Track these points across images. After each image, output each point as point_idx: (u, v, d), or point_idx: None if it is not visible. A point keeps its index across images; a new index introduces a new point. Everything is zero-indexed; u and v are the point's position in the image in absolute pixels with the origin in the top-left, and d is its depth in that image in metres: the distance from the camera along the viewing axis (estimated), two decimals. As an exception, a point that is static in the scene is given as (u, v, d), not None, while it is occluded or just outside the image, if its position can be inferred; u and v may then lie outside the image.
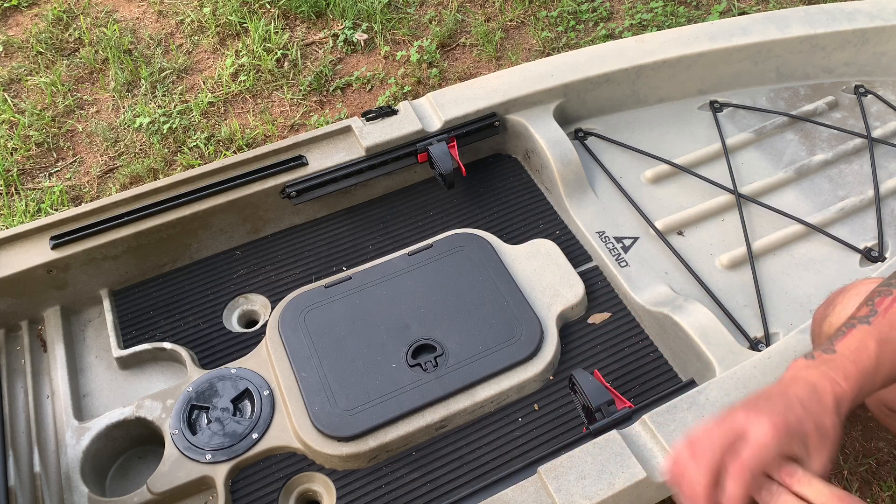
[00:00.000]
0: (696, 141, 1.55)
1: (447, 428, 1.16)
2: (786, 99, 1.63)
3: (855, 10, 1.60)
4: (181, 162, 1.98)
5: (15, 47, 2.36)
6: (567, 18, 2.32)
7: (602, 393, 1.08)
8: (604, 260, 1.34)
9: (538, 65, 1.52)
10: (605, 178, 1.49)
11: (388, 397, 1.15)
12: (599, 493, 0.95)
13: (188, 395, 1.18)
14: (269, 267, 1.39)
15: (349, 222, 1.45)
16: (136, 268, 1.36)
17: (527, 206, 1.47)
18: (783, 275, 1.33)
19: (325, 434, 1.11)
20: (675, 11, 2.31)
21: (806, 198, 1.45)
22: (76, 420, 1.18)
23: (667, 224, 1.40)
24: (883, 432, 1.46)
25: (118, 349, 1.26)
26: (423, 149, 1.43)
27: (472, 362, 1.19)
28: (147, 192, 1.33)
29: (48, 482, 1.11)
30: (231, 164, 1.37)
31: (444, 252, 1.34)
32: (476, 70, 2.21)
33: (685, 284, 1.31)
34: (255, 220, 1.41)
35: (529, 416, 1.17)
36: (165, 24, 2.41)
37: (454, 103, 1.47)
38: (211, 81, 2.21)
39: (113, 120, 2.12)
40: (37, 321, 1.32)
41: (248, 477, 1.12)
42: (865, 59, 1.62)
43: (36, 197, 1.92)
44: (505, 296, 1.27)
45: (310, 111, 2.12)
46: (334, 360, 1.20)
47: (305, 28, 2.36)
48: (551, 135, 1.45)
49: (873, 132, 1.54)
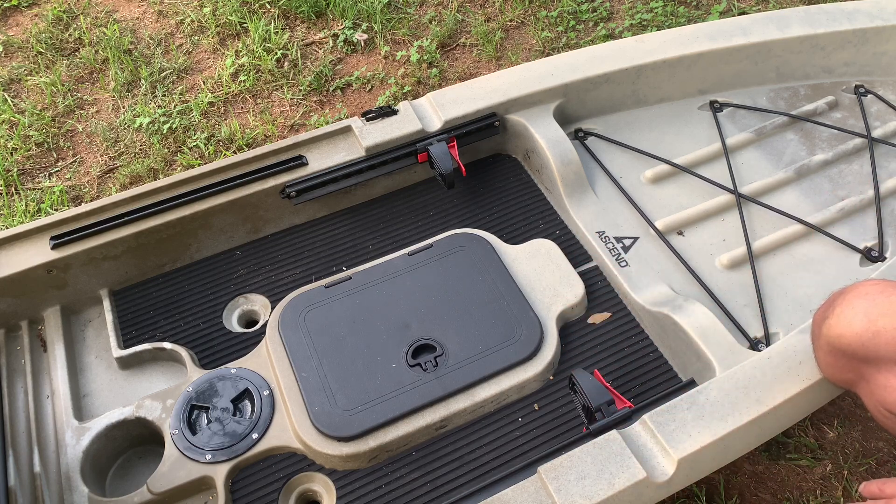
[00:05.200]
0: (696, 141, 1.55)
1: (447, 428, 1.16)
2: (786, 99, 1.63)
3: (855, 10, 1.60)
4: (181, 162, 1.98)
5: (15, 47, 2.36)
6: (567, 18, 2.32)
7: (602, 393, 1.08)
8: (604, 260, 1.34)
9: (538, 65, 1.52)
10: (605, 178, 1.49)
11: (388, 397, 1.15)
12: (599, 493, 0.95)
13: (188, 395, 1.18)
14: (269, 267, 1.39)
15: (349, 222, 1.45)
16: (136, 268, 1.36)
17: (527, 206, 1.47)
18: (783, 275, 1.33)
19: (325, 434, 1.11)
20: (675, 11, 2.31)
21: (806, 198, 1.45)
22: (76, 420, 1.18)
23: (667, 224, 1.40)
24: (883, 432, 1.46)
25: (118, 349, 1.26)
26: (423, 149, 1.43)
27: (472, 362, 1.19)
28: (147, 192, 1.33)
29: (48, 482, 1.11)
30: (231, 164, 1.37)
31: (444, 252, 1.34)
32: (476, 70, 2.21)
33: (685, 284, 1.31)
34: (255, 220, 1.41)
35: (529, 416, 1.18)
36: (165, 24, 2.41)
37: (454, 103, 1.47)
38: (211, 81, 2.21)
39: (113, 120, 2.12)
40: (37, 321, 1.32)
41: (248, 477, 1.12)
42: (865, 59, 1.62)
43: (36, 197, 1.92)
44: (505, 296, 1.27)
45: (310, 111, 2.12)
46: (334, 360, 1.20)
47: (305, 28, 2.36)
48: (551, 135, 1.45)
49: (873, 132, 1.54)
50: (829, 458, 1.43)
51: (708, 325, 1.16)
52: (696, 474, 1.07)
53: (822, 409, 1.49)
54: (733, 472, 1.42)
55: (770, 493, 1.40)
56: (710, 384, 1.05)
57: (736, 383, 1.04)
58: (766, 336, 1.24)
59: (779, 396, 1.03)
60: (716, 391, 1.04)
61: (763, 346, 1.23)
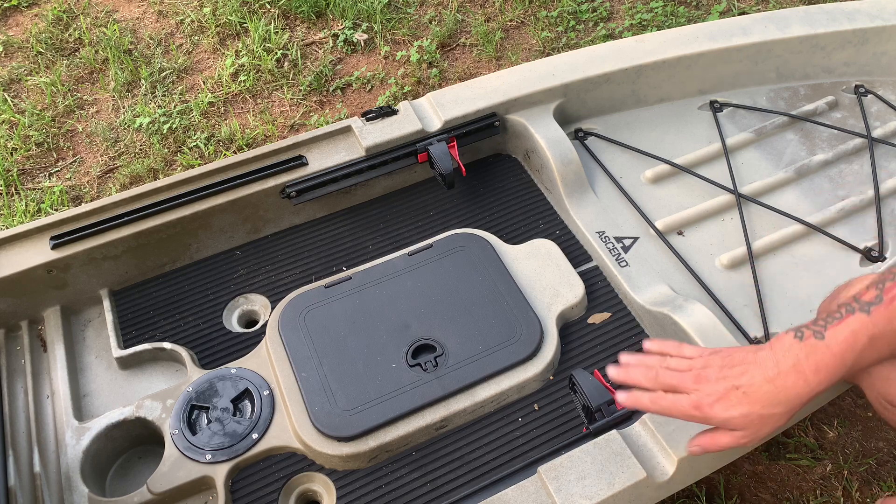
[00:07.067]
0: (696, 141, 1.55)
1: (447, 428, 1.16)
2: (786, 99, 1.63)
3: (855, 10, 1.60)
4: (181, 162, 1.98)
5: (15, 47, 2.36)
6: (567, 18, 2.32)
7: (602, 393, 1.08)
8: (604, 260, 1.34)
9: (538, 65, 1.52)
10: (605, 178, 1.49)
11: (388, 397, 1.15)
12: (599, 493, 0.95)
13: (188, 395, 1.18)
14: (269, 267, 1.39)
15: (349, 222, 1.45)
16: (136, 268, 1.36)
17: (527, 206, 1.47)
18: (783, 275, 1.33)
19: (325, 434, 1.11)
20: (675, 11, 2.31)
21: (806, 198, 1.45)
22: (76, 420, 1.18)
23: (667, 224, 1.40)
24: (883, 432, 1.46)
25: (118, 349, 1.26)
26: (423, 149, 1.43)
27: (472, 362, 1.19)
28: (147, 192, 1.33)
29: (48, 482, 1.11)
30: (231, 164, 1.37)
31: (444, 252, 1.34)
32: (476, 70, 2.21)
33: (685, 284, 1.31)
34: (255, 220, 1.41)
35: (529, 416, 1.18)
36: (165, 24, 2.41)
37: (454, 103, 1.47)
38: (211, 81, 2.21)
39: (113, 120, 2.12)
40: (37, 321, 1.32)
41: (248, 477, 1.12)
42: (865, 59, 1.62)
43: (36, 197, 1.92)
44: (505, 296, 1.27)
45: (310, 111, 2.12)
46: (334, 360, 1.20)
47: (305, 28, 2.36)
48: (551, 135, 1.45)
49: (873, 132, 1.54)
50: (829, 458, 1.43)
51: (708, 325, 1.16)
52: (696, 474, 1.07)
53: (822, 409, 1.49)
54: (733, 472, 1.42)
55: (770, 492, 1.40)
56: (710, 384, 1.05)
57: (736, 383, 1.04)
58: (766, 336, 1.24)
59: (779, 396, 1.03)
60: (716, 391, 1.03)
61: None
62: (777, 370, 0.81)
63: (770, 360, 0.82)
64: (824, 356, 0.80)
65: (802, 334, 0.82)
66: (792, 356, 0.81)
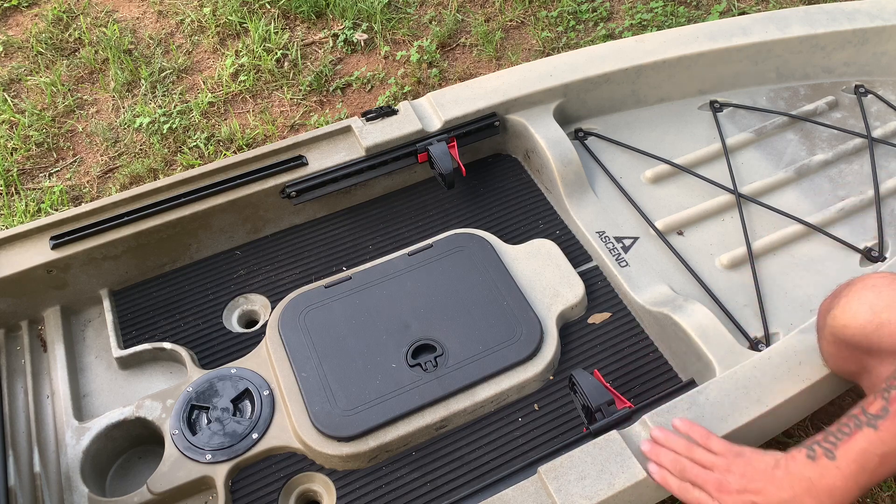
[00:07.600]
0: (696, 141, 1.55)
1: (447, 428, 1.16)
2: (786, 99, 1.63)
3: (855, 10, 1.60)
4: (181, 162, 1.98)
5: (15, 47, 2.36)
6: (567, 18, 2.32)
7: (602, 393, 1.08)
8: (604, 260, 1.34)
9: (538, 65, 1.52)
10: (605, 178, 1.49)
11: (388, 397, 1.15)
12: (599, 493, 0.95)
13: (188, 395, 1.18)
14: (269, 267, 1.39)
15: (349, 222, 1.45)
16: (136, 268, 1.36)
17: (527, 206, 1.47)
18: (783, 275, 1.33)
19: (325, 434, 1.11)
20: (675, 11, 2.31)
21: (806, 198, 1.45)
22: (76, 420, 1.18)
23: (667, 224, 1.40)
24: (883, 432, 1.45)
25: (118, 349, 1.26)
26: (423, 149, 1.43)
27: (472, 362, 1.19)
28: (147, 192, 1.33)
29: (48, 482, 1.11)
30: (231, 164, 1.37)
31: (444, 252, 1.34)
32: (476, 70, 2.21)
33: (685, 284, 1.31)
34: (255, 220, 1.41)
35: (529, 416, 1.17)
36: (165, 24, 2.41)
37: (454, 103, 1.47)
38: (211, 81, 2.21)
39: (113, 120, 2.11)
40: (37, 321, 1.32)
41: (248, 477, 1.12)
42: (865, 59, 1.62)
43: (36, 197, 1.92)
44: (505, 296, 1.27)
45: (310, 111, 2.12)
46: (334, 360, 1.20)
47: (305, 28, 2.36)
48: (551, 135, 1.45)
49: (873, 132, 1.54)
50: (829, 458, 1.43)
51: (708, 325, 1.16)
52: (696, 474, 1.07)
53: (822, 409, 1.49)
54: (733, 472, 1.42)
55: (770, 493, 1.39)
56: (710, 384, 1.05)
57: (736, 383, 1.04)
58: (767, 336, 1.24)
59: (779, 397, 1.03)
60: (716, 391, 1.04)
61: (763, 346, 1.23)
62: (792, 493, 0.83)
63: (785, 481, 0.84)
64: (836, 479, 0.82)
65: (815, 453, 0.84)
66: (805, 480, 0.83)
